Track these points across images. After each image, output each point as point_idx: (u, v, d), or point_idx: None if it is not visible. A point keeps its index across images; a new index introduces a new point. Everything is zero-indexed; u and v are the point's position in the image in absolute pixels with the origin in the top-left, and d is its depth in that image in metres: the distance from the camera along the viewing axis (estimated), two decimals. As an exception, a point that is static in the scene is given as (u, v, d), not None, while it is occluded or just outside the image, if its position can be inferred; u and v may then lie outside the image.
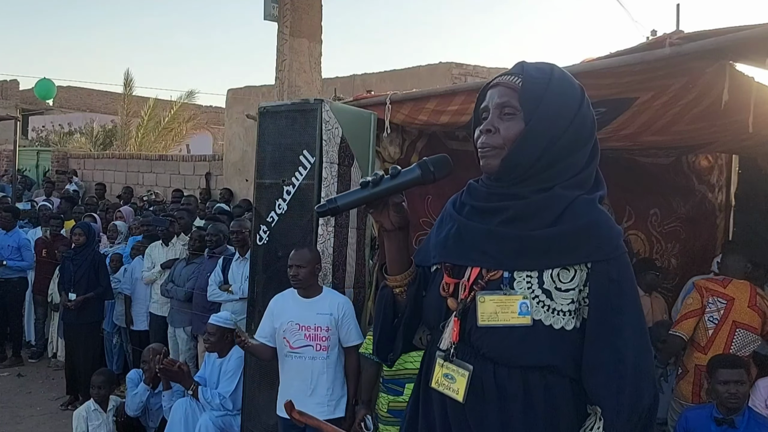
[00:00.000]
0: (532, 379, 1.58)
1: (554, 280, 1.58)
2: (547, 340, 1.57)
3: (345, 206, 1.63)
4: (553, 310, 1.57)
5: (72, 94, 27.57)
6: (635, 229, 6.12)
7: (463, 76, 8.75)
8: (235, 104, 11.13)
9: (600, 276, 1.56)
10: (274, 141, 3.89)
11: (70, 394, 6.18)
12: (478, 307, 1.61)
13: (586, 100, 1.67)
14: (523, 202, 1.60)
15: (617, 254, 1.59)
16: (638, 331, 1.58)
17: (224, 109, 12.10)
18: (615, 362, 1.55)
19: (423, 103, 4.14)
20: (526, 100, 1.60)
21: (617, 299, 1.56)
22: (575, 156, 1.63)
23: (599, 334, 1.56)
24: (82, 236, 6.28)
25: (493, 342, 1.60)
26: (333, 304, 3.68)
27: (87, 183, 13.79)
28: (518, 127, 1.60)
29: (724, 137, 4.69)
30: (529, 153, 1.59)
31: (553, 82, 1.62)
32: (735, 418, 3.36)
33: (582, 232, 1.57)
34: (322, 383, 3.65)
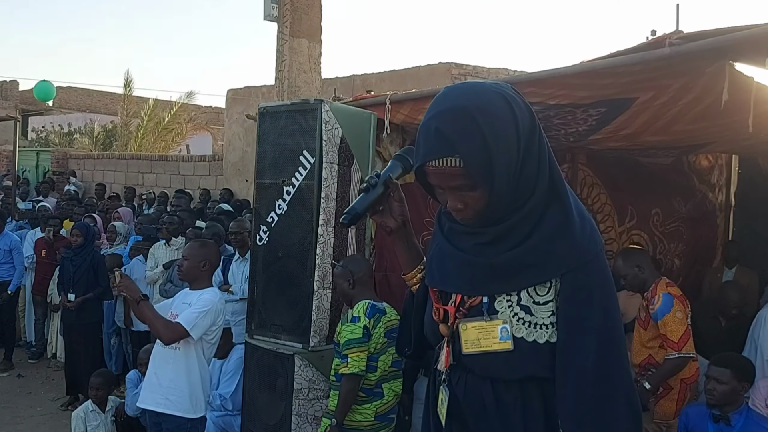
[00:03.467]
0: (530, 389, 1.58)
1: (531, 295, 1.57)
2: (533, 356, 1.56)
3: (364, 210, 1.74)
4: (534, 324, 1.56)
5: (72, 95, 27.57)
6: (638, 229, 6.11)
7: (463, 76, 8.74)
8: (234, 104, 11.13)
9: (568, 285, 1.54)
10: (273, 141, 3.88)
11: (70, 394, 6.18)
12: (461, 336, 1.63)
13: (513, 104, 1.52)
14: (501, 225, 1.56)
15: (586, 260, 1.54)
16: (606, 343, 1.52)
17: (224, 110, 12.09)
18: (577, 375, 1.51)
19: (423, 103, 4.13)
20: (479, 176, 1.49)
21: (585, 308, 1.52)
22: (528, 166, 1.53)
23: (566, 346, 1.53)
24: (81, 237, 6.28)
25: (483, 364, 1.62)
26: (197, 295, 3.63)
27: (87, 183, 13.79)
28: (483, 194, 1.52)
29: (724, 137, 4.68)
30: (503, 204, 1.54)
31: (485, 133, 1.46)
32: (731, 416, 3.38)
33: (548, 246, 1.53)
34: (166, 373, 3.59)
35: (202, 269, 3.69)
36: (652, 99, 3.55)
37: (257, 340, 3.91)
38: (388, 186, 1.73)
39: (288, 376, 3.71)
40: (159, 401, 3.58)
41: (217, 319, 3.64)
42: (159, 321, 3.51)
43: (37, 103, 23.65)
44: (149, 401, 3.64)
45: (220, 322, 3.68)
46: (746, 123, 3.00)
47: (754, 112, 2.99)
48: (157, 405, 3.59)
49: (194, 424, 3.60)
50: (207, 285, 3.74)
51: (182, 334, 3.49)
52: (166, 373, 3.59)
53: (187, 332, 3.48)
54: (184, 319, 3.50)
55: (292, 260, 3.80)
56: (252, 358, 3.95)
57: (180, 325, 3.48)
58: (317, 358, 3.72)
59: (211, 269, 3.79)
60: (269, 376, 3.83)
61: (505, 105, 1.51)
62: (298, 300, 3.77)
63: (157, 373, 3.63)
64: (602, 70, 3.23)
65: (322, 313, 3.75)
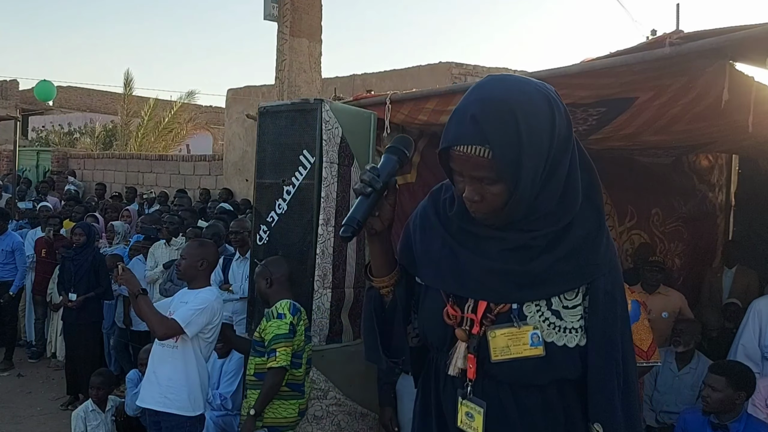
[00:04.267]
0: (551, 393, 1.59)
1: (561, 300, 1.58)
2: (562, 360, 1.57)
3: (364, 218, 1.61)
4: (564, 329, 1.57)
5: (72, 94, 27.57)
6: (638, 229, 6.11)
7: (463, 76, 8.74)
8: (235, 104, 11.13)
9: (596, 290, 1.57)
10: (274, 141, 3.88)
11: (71, 394, 6.17)
12: (490, 343, 1.58)
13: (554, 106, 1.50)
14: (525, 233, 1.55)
15: (611, 266, 1.59)
16: (628, 343, 1.61)
17: (224, 109, 12.10)
18: (616, 376, 1.56)
19: (423, 103, 4.13)
20: (505, 171, 1.45)
21: (612, 311, 1.57)
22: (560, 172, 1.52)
23: (600, 350, 1.56)
24: (83, 236, 6.28)
25: (509, 371, 1.59)
26: (194, 293, 3.65)
27: (87, 183, 13.79)
28: (504, 191, 1.48)
29: (724, 137, 4.68)
30: (523, 208, 1.51)
31: (521, 129, 1.43)
32: (730, 424, 3.37)
33: (581, 253, 1.55)
34: (164, 372, 3.61)
35: (199, 268, 3.70)
36: (652, 99, 3.55)
37: (257, 339, 3.91)
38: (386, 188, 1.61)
39: (288, 376, 3.70)
40: (158, 400, 3.59)
41: (214, 317, 3.65)
42: (155, 316, 3.53)
43: (37, 103, 23.66)
44: (148, 400, 3.65)
45: (217, 320, 3.68)
46: (746, 123, 3.00)
47: (754, 112, 2.99)
48: (155, 403, 3.61)
49: (193, 422, 3.60)
50: (205, 284, 3.75)
51: (177, 330, 3.50)
52: (165, 372, 3.60)
53: (181, 329, 3.49)
54: (180, 315, 3.51)
55: (292, 260, 3.80)
56: (252, 357, 3.94)
57: (175, 321, 3.49)
58: (318, 357, 3.72)
59: (208, 269, 3.79)
60: (269, 376, 3.82)
61: (546, 106, 1.48)
62: (298, 299, 3.76)
63: (156, 371, 3.64)
64: (602, 69, 3.23)
65: (322, 312, 3.75)
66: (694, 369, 4.50)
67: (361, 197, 1.60)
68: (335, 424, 3.76)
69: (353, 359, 3.80)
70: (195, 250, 3.78)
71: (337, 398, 3.77)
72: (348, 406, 3.82)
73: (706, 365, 4.31)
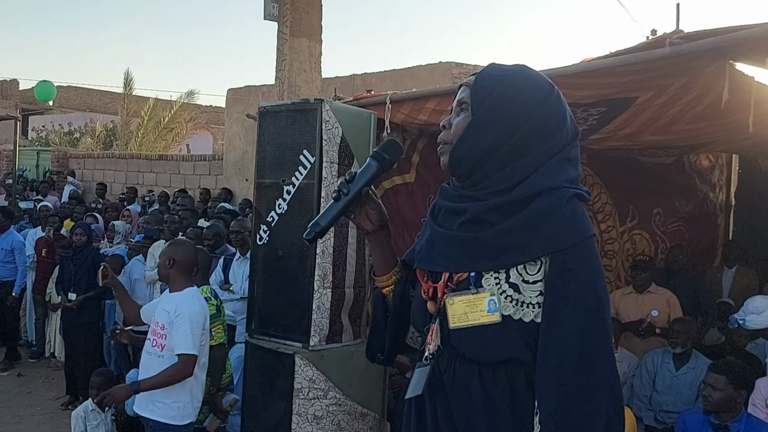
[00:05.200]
0: (516, 375, 1.57)
1: (520, 273, 1.57)
2: (518, 334, 1.56)
3: (329, 224, 1.68)
4: (521, 303, 1.56)
5: (72, 94, 27.57)
6: (640, 229, 6.12)
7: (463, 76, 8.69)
8: (235, 104, 11.13)
9: (555, 265, 1.53)
10: (274, 141, 3.88)
11: (70, 394, 6.18)
12: (448, 310, 1.61)
13: (554, 98, 1.62)
14: (481, 204, 1.60)
15: (574, 242, 1.53)
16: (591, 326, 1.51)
17: (224, 109, 12.09)
18: (559, 356, 1.50)
19: (423, 102, 4.13)
20: (475, 95, 1.61)
21: (570, 289, 1.51)
22: (533, 153, 1.58)
23: (548, 327, 1.52)
24: (83, 236, 6.28)
25: (469, 342, 1.60)
26: (174, 303, 3.57)
27: (87, 183, 13.79)
28: (466, 120, 1.61)
29: (725, 137, 4.68)
30: (472, 146, 1.59)
31: (508, 78, 1.61)
32: (730, 424, 3.36)
33: (535, 225, 1.54)
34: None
35: (168, 267, 3.63)
36: (652, 98, 3.55)
37: (257, 339, 3.91)
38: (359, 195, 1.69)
39: (288, 376, 3.70)
40: (146, 406, 3.59)
41: (204, 321, 3.62)
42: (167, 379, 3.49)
43: (37, 103, 23.67)
44: (139, 404, 3.66)
45: (206, 323, 3.66)
46: (746, 122, 3.01)
47: (754, 112, 2.99)
48: (144, 410, 3.60)
49: (179, 431, 3.58)
50: (184, 285, 3.65)
51: (192, 362, 3.49)
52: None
53: (195, 357, 3.50)
54: (183, 346, 3.47)
55: (292, 259, 3.80)
56: (252, 357, 3.95)
57: (185, 357, 3.47)
58: (317, 357, 3.72)
59: (180, 267, 3.65)
60: (269, 376, 3.83)
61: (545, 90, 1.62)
62: (298, 299, 3.77)
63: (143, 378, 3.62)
64: (602, 69, 3.23)
65: (323, 312, 3.75)
66: (692, 368, 4.50)
67: (332, 202, 1.68)
68: (335, 424, 3.76)
69: (353, 359, 3.80)
70: (166, 248, 3.75)
71: (337, 398, 3.77)
72: (348, 405, 3.82)
73: (705, 364, 4.32)
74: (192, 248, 3.89)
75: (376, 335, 1.84)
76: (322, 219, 1.67)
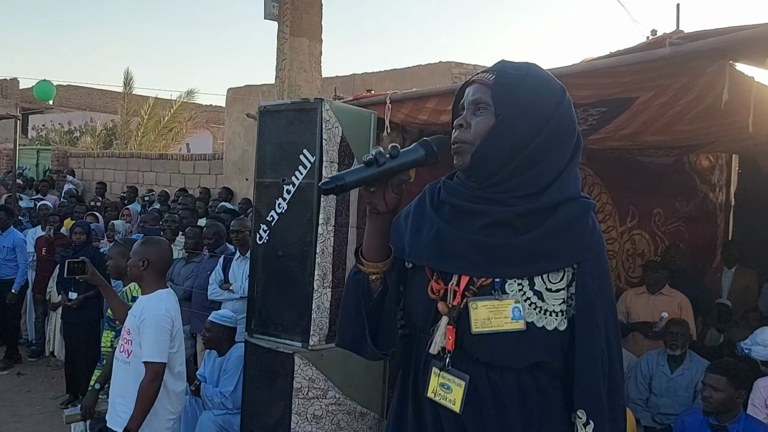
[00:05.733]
0: (526, 380, 1.58)
1: (545, 281, 1.58)
2: (540, 342, 1.57)
3: (351, 184, 1.54)
4: (545, 311, 1.57)
5: (72, 93, 27.56)
6: (639, 229, 6.12)
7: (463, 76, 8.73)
8: (235, 103, 11.13)
9: (584, 275, 1.57)
10: (274, 140, 3.88)
11: (70, 393, 6.18)
12: (471, 314, 1.59)
13: (567, 100, 1.64)
14: (506, 209, 1.58)
15: (598, 250, 1.60)
16: (614, 332, 1.62)
17: (224, 108, 12.10)
18: (601, 363, 1.56)
19: (423, 102, 4.13)
20: (497, 95, 1.59)
21: (597, 297, 1.57)
22: (556, 155, 1.60)
23: (587, 335, 1.56)
24: (83, 235, 6.29)
25: (488, 347, 1.59)
26: (141, 306, 3.35)
27: (87, 182, 13.80)
28: (488, 122, 1.59)
29: (724, 137, 4.68)
30: (498, 148, 1.57)
31: (527, 80, 1.60)
32: (729, 425, 3.36)
33: (565, 233, 1.56)
34: (116, 389, 3.37)
35: (141, 268, 3.39)
36: (652, 99, 3.55)
37: (257, 338, 3.91)
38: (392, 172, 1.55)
39: (288, 375, 3.70)
40: (114, 419, 3.33)
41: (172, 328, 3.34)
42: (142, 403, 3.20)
43: (37, 102, 23.68)
44: (111, 419, 3.39)
45: (176, 329, 3.38)
46: (746, 123, 3.01)
47: (754, 112, 2.99)
48: (111, 421, 3.36)
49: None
50: (156, 287, 3.41)
51: (161, 370, 3.24)
52: (117, 389, 3.38)
53: (163, 366, 3.25)
54: (150, 353, 3.23)
55: (292, 259, 3.80)
56: (252, 356, 3.95)
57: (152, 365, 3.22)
58: (317, 357, 3.72)
59: (152, 269, 3.41)
60: (269, 375, 3.83)
61: (559, 93, 1.64)
62: (298, 299, 3.77)
63: (113, 388, 3.42)
64: (603, 69, 3.22)
65: (322, 312, 3.75)
66: (687, 370, 4.50)
67: (361, 165, 1.55)
68: (335, 424, 3.77)
69: (353, 359, 3.76)
70: (137, 248, 3.47)
71: (337, 397, 3.77)
72: (347, 405, 3.82)
73: (700, 364, 4.33)
74: (167, 248, 3.66)
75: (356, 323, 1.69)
76: (348, 176, 1.53)
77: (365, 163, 1.54)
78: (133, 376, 3.28)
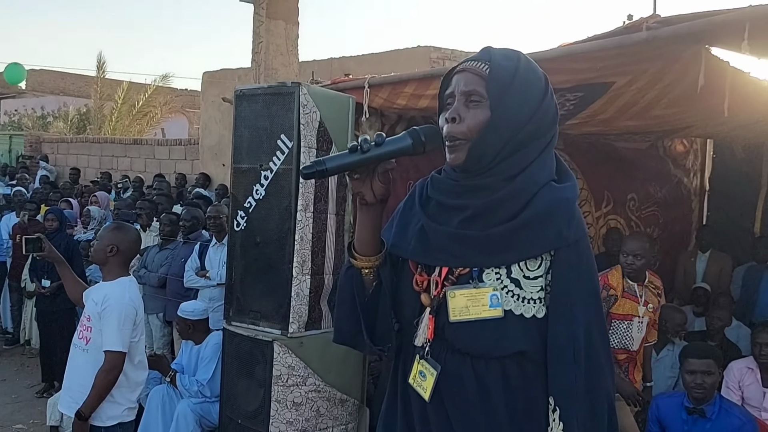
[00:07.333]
0: (510, 367, 1.58)
1: (522, 269, 1.59)
2: (519, 330, 1.57)
3: (333, 170, 1.53)
4: (522, 299, 1.58)
5: (44, 78, 27.04)
6: (614, 214, 6.17)
7: (442, 60, 8.72)
8: (210, 87, 11.01)
9: (562, 263, 1.57)
10: (250, 125, 3.83)
11: (46, 381, 6.11)
12: (449, 303, 1.60)
13: (550, 89, 1.65)
14: (486, 199, 1.58)
15: (578, 237, 1.59)
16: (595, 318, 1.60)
17: (200, 93, 11.96)
18: (574, 350, 1.55)
19: (401, 87, 4.10)
20: (494, 88, 1.56)
21: (575, 284, 1.57)
22: (537, 142, 1.61)
23: (559, 322, 1.56)
24: (55, 221, 6.21)
25: (467, 336, 1.60)
26: (103, 293, 3.29)
27: (60, 168, 13.60)
28: (484, 115, 1.56)
29: (700, 122, 4.72)
30: (495, 143, 1.57)
31: (520, 71, 1.59)
32: (705, 408, 3.36)
33: (542, 221, 1.56)
34: (75, 376, 3.30)
35: (108, 254, 3.33)
36: (629, 83, 3.56)
37: (235, 326, 3.88)
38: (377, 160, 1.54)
39: (267, 363, 3.69)
40: (70, 404, 3.26)
41: (136, 316, 3.31)
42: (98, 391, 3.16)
43: (9, 86, 23.21)
44: (62, 403, 3.37)
45: (139, 319, 3.36)
46: (721, 108, 3.03)
47: (729, 97, 3.02)
48: (67, 408, 3.30)
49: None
50: (118, 274, 3.36)
51: (120, 360, 3.20)
52: (75, 377, 3.30)
53: (123, 355, 3.21)
54: (111, 342, 3.18)
55: (270, 246, 3.77)
56: (230, 344, 3.92)
57: (112, 354, 3.17)
58: (296, 344, 3.71)
59: (121, 257, 3.38)
60: (248, 363, 3.81)
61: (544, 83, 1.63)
62: (276, 286, 3.74)
63: (69, 374, 3.35)
64: (580, 54, 3.22)
65: (302, 299, 3.73)
66: (671, 351, 4.55)
67: (345, 152, 1.54)
68: (314, 411, 3.76)
69: (332, 346, 3.75)
70: (108, 233, 3.41)
71: (317, 384, 3.77)
72: (327, 392, 3.81)
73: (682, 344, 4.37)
74: (138, 238, 3.62)
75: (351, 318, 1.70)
76: (330, 162, 1.52)
77: (349, 149, 1.53)
78: (92, 363, 3.23)
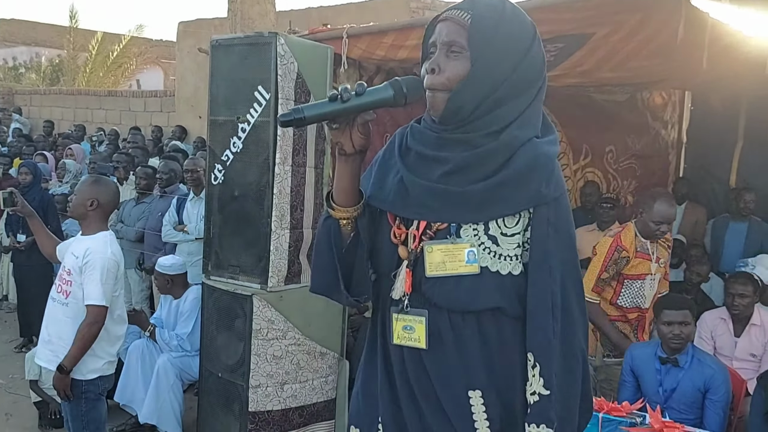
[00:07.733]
0: (486, 323, 1.59)
1: (499, 225, 1.58)
2: (495, 286, 1.58)
3: (311, 118, 1.52)
4: (499, 255, 1.58)
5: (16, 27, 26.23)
6: (592, 167, 6.20)
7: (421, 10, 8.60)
8: (186, 38, 10.79)
9: (540, 220, 1.57)
10: (227, 76, 3.76)
11: (24, 336, 6.10)
12: (426, 258, 1.60)
13: (538, 38, 1.60)
14: (466, 154, 1.56)
15: (557, 195, 1.58)
16: (574, 274, 1.61)
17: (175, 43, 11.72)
18: (552, 307, 1.56)
19: (381, 37, 4.04)
20: (474, 39, 1.53)
21: (553, 242, 1.57)
22: (521, 97, 1.58)
23: (537, 279, 1.57)
24: (29, 175, 6.11)
25: (443, 291, 1.60)
26: (84, 247, 3.27)
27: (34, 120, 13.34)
28: (464, 67, 1.54)
29: (679, 73, 4.72)
30: (473, 95, 1.54)
31: (503, 21, 1.55)
32: (678, 357, 3.42)
33: (522, 179, 1.55)
34: (54, 329, 3.30)
35: (88, 208, 3.32)
36: (609, 35, 3.54)
37: (214, 281, 3.88)
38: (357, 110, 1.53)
39: (246, 317, 3.69)
40: (49, 358, 3.28)
41: (117, 270, 3.32)
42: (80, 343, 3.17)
43: (-22, 37, 22.58)
44: (40, 356, 3.38)
45: (120, 273, 3.37)
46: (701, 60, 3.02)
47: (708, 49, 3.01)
48: (47, 362, 3.31)
49: (87, 386, 3.28)
50: (98, 228, 3.35)
51: (103, 313, 3.21)
52: (54, 330, 3.29)
53: (105, 309, 3.22)
54: (94, 296, 3.18)
55: (248, 200, 3.74)
56: (209, 298, 3.92)
57: (94, 308, 3.18)
58: (276, 298, 3.72)
59: (101, 211, 3.37)
60: (227, 317, 3.81)
61: (531, 32, 1.59)
62: (255, 240, 3.73)
63: (48, 327, 3.34)
64: (562, 4, 3.19)
65: (281, 253, 3.73)
66: None
67: (325, 100, 1.53)
68: (294, 364, 3.80)
69: (312, 300, 3.76)
70: (86, 186, 3.39)
71: (296, 338, 3.79)
72: (307, 345, 3.84)
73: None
74: (117, 191, 3.59)
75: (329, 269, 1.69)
76: (308, 110, 1.51)
77: (329, 98, 1.52)
78: (72, 317, 3.24)
